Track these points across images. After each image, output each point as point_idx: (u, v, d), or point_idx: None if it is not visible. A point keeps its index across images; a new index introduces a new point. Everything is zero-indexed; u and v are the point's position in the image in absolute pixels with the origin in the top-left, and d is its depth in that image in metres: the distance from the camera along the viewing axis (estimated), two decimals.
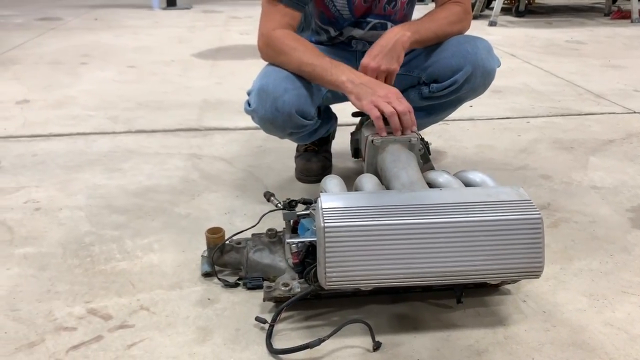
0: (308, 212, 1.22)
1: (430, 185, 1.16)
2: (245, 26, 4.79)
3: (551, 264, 1.31)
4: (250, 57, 3.62)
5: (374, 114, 1.27)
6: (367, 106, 1.28)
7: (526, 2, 5.30)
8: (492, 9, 5.00)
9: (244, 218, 1.55)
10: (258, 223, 1.28)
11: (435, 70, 1.51)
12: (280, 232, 1.28)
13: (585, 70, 3.23)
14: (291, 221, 1.24)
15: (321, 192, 1.15)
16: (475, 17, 5.11)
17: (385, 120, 1.28)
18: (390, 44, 1.38)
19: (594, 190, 1.72)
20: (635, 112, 2.47)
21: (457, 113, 1.82)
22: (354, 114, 1.60)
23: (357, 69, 1.37)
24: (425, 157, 1.36)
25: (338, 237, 0.95)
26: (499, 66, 1.56)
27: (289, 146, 1.92)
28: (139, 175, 1.84)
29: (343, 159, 1.93)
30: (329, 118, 1.71)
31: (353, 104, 1.33)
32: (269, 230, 1.28)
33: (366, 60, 1.38)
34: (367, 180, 1.14)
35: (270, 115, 1.41)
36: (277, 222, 1.27)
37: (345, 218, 0.97)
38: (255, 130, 2.22)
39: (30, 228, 1.50)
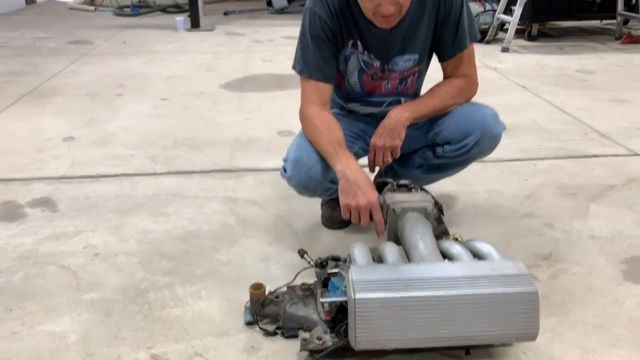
0: (337, 270, 1.43)
1: (444, 254, 1.36)
2: (267, 52, 5.01)
3: (550, 316, 1.49)
4: (274, 88, 3.84)
5: (345, 215, 1.50)
6: (342, 204, 1.50)
7: (539, 25, 5.46)
8: (506, 30, 5.16)
9: (278, 266, 1.76)
10: (294, 280, 1.49)
11: (448, 134, 1.72)
12: (312, 285, 1.49)
13: (593, 105, 3.40)
14: (322, 278, 1.45)
15: (350, 262, 1.35)
16: (488, 42, 5.28)
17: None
18: (391, 124, 1.64)
19: (592, 240, 1.90)
20: (637, 154, 2.64)
21: None
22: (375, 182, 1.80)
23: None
24: (439, 219, 1.56)
25: (367, 307, 1.16)
26: (504, 129, 1.75)
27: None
28: (182, 219, 2.06)
29: None
30: None
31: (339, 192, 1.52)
32: (303, 284, 1.48)
33: (374, 140, 1.67)
34: (390, 251, 1.34)
35: (304, 183, 1.63)
36: (311, 274, 1.47)
37: (373, 290, 1.17)
38: None
39: (92, 274, 1.72)
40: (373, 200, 1.46)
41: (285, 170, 1.69)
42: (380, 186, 1.64)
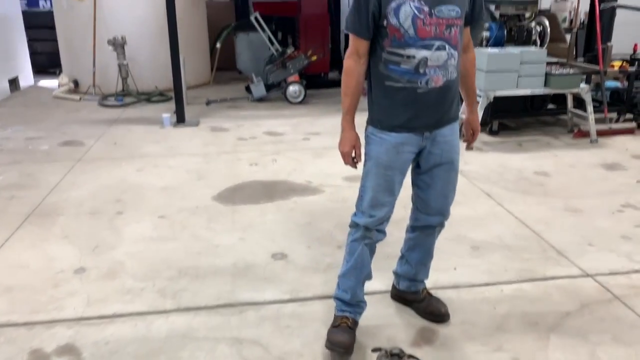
0: None
1: None
2: (252, 152, 5.37)
3: None
4: (263, 199, 4.18)
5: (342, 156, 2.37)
6: (339, 150, 2.35)
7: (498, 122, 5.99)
8: None
9: None
10: None
11: (428, 207, 2.47)
12: None
13: (550, 216, 3.82)
14: None
15: None
16: None
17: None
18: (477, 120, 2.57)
19: None
20: (587, 275, 3.03)
21: (444, 279, 2.39)
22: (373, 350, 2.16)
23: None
24: None
25: None
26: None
27: (315, 329, 2.44)
28: None
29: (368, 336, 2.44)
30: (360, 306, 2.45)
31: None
32: None
33: (475, 125, 2.55)
34: None
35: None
36: None
37: None
38: (282, 305, 2.75)
39: None
40: (348, 150, 2.31)
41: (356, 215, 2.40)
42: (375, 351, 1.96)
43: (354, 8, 2.16)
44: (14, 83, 8.63)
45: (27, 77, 9.21)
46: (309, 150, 5.46)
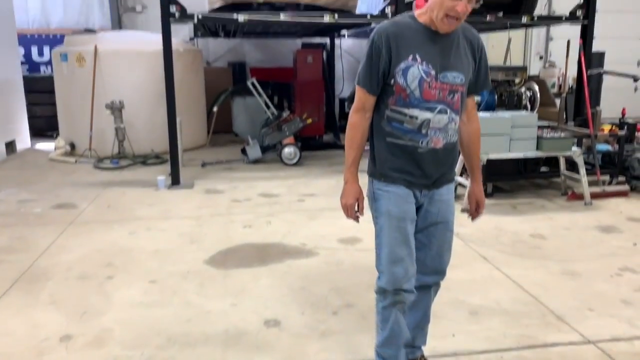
0: None
1: None
2: (246, 214, 5.34)
3: None
4: (256, 262, 4.11)
5: (343, 209, 2.40)
6: (340, 202, 2.40)
7: (492, 184, 6.02)
8: (465, 187, 5.66)
9: None
10: None
11: (424, 266, 2.44)
12: None
13: (548, 280, 3.77)
14: None
15: None
16: None
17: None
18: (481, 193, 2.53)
19: None
20: (589, 342, 2.95)
21: (442, 346, 2.28)
22: None
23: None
24: None
25: None
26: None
27: None
28: None
29: None
30: None
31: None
32: None
33: (482, 198, 2.52)
34: None
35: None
36: None
37: None
38: None
39: None
40: (352, 202, 2.35)
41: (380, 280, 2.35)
42: None
43: (367, 64, 2.24)
44: (10, 146, 8.68)
45: (24, 140, 9.27)
46: (304, 211, 5.44)
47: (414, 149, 2.25)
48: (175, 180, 6.51)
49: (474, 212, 2.55)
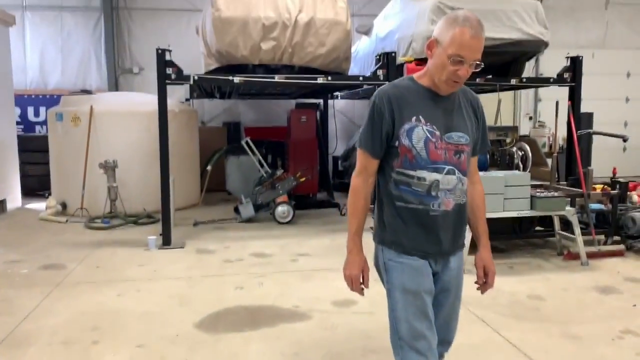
0: None
1: None
2: (238, 275, 5.23)
3: None
4: (247, 327, 3.98)
5: (345, 280, 2.28)
6: (343, 272, 2.27)
7: None
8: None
9: None
10: None
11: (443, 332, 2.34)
12: None
13: (548, 343, 3.66)
14: None
15: None
16: None
17: None
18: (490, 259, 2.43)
19: None
20: None
21: None
22: None
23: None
24: None
25: None
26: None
27: None
28: None
29: None
30: None
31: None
32: None
33: (492, 267, 2.42)
34: None
35: None
36: None
37: None
38: None
39: None
40: (357, 273, 2.23)
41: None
42: None
43: (369, 127, 2.19)
44: (1, 206, 8.60)
45: (15, 199, 9.19)
46: (297, 272, 5.34)
47: (426, 213, 2.16)
48: (166, 241, 6.42)
49: (483, 282, 2.42)
